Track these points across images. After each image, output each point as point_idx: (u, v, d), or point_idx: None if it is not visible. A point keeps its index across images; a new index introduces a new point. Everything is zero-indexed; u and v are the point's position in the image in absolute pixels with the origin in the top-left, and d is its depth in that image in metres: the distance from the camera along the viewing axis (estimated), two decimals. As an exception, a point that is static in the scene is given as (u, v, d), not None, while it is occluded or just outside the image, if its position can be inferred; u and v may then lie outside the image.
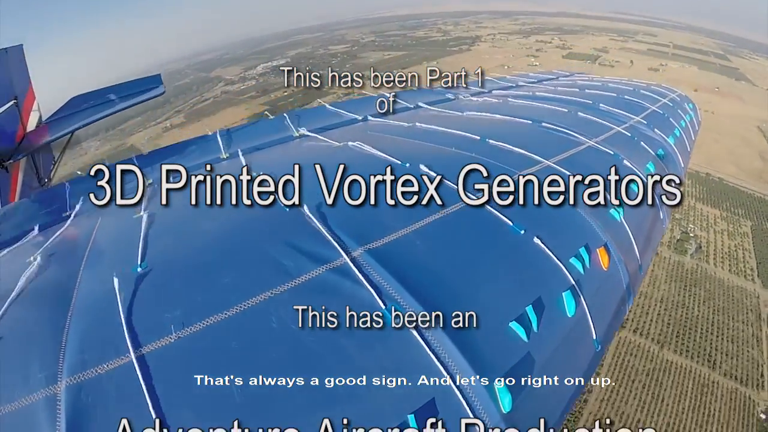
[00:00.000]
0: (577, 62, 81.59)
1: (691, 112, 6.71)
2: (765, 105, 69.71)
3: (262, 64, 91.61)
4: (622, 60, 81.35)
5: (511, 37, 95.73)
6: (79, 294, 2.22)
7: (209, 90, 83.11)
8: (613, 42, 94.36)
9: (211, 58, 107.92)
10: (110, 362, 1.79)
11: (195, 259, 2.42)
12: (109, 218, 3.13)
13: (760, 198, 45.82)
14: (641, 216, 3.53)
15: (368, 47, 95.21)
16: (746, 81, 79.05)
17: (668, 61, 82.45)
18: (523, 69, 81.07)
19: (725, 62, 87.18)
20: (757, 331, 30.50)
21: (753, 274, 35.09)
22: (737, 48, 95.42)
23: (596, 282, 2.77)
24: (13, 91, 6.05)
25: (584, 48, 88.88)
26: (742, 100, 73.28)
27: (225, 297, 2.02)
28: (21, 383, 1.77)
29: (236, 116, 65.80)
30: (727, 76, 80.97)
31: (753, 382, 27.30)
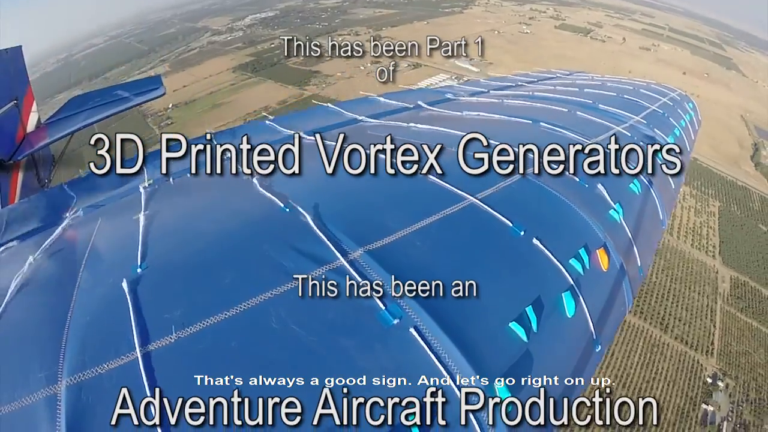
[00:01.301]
0: (568, 33, 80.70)
1: (691, 111, 6.66)
2: (752, 96, 70.39)
3: (250, 16, 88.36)
4: (614, 36, 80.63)
5: (505, 3, 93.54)
6: (79, 294, 2.22)
7: (195, 40, 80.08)
8: (609, 18, 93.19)
9: (199, 9, 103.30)
10: (110, 362, 1.80)
11: (194, 260, 2.41)
12: (109, 219, 3.13)
13: (731, 182, 47.14)
14: (640, 216, 3.54)
15: (359, 3, 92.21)
16: (737, 71, 79.31)
17: (661, 43, 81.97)
18: (514, 35, 79.90)
19: (719, 51, 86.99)
20: (712, 303, 32.06)
21: (714, 251, 36.54)
22: (734, 39, 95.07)
23: (596, 283, 2.77)
24: (14, 91, 6.04)
25: (578, 20, 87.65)
26: (730, 88, 73.78)
27: (225, 297, 2.02)
28: (21, 383, 1.78)
29: (221, 66, 63.82)
30: (718, 64, 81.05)
31: (702, 349, 28.93)
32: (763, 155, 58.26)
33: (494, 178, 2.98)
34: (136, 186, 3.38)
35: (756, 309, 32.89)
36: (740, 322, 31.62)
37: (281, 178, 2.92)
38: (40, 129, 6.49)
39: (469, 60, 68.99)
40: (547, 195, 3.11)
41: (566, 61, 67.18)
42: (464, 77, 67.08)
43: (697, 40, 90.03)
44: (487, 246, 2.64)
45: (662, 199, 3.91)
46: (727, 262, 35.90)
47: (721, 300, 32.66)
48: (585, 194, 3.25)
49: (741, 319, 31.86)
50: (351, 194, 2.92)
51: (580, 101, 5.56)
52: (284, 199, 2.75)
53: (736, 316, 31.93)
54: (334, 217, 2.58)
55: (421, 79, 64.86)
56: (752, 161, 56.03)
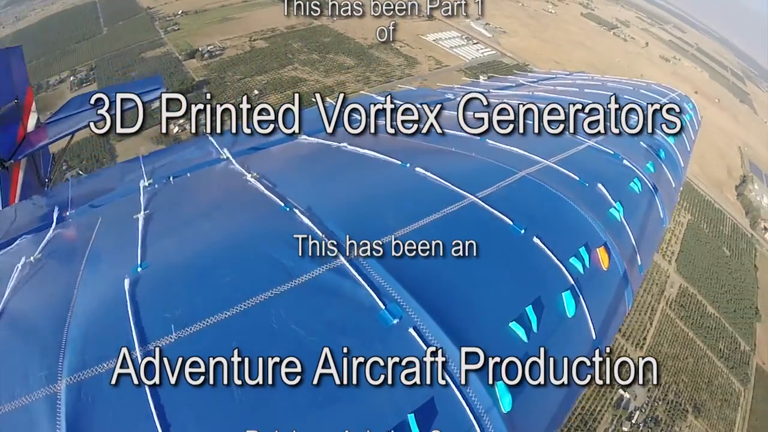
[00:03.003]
0: (593, 24, 78.86)
1: (691, 111, 6.62)
2: (756, 133, 70.44)
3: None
4: (638, 38, 79.17)
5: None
6: (79, 294, 2.20)
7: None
8: (639, 20, 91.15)
9: None
10: (110, 361, 1.78)
11: (194, 260, 2.39)
12: (109, 219, 3.08)
13: (708, 202, 48.00)
14: (641, 215, 3.51)
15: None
16: (750, 106, 78.90)
17: (684, 58, 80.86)
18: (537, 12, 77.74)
19: (739, 83, 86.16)
20: (655, 303, 33.30)
21: (672, 257, 37.63)
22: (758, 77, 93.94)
23: (596, 282, 2.73)
24: (14, 91, 6.02)
25: (607, 14, 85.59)
26: (737, 120, 73.69)
27: (225, 297, 2.01)
28: (21, 382, 1.77)
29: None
30: (733, 94, 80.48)
31: (634, 340, 30.29)
32: (749, 188, 59.09)
33: (494, 178, 2.97)
34: (136, 186, 3.37)
35: (696, 321, 34.25)
36: (677, 328, 32.98)
37: (281, 179, 2.94)
38: (40, 129, 6.50)
39: (484, 24, 67.31)
40: (547, 194, 3.09)
41: (582, 50, 66.04)
42: (474, 39, 65.74)
43: (721, 66, 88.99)
44: (488, 244, 2.59)
45: (663, 197, 3.87)
46: (680, 271, 37.05)
47: (664, 303, 33.91)
48: (585, 193, 3.23)
49: (679, 325, 33.22)
50: (351, 193, 2.92)
51: (580, 101, 5.49)
52: (283, 198, 2.73)
53: (674, 322, 33.26)
54: (334, 216, 2.58)
55: (431, 31, 63.35)
56: (736, 191, 56.83)
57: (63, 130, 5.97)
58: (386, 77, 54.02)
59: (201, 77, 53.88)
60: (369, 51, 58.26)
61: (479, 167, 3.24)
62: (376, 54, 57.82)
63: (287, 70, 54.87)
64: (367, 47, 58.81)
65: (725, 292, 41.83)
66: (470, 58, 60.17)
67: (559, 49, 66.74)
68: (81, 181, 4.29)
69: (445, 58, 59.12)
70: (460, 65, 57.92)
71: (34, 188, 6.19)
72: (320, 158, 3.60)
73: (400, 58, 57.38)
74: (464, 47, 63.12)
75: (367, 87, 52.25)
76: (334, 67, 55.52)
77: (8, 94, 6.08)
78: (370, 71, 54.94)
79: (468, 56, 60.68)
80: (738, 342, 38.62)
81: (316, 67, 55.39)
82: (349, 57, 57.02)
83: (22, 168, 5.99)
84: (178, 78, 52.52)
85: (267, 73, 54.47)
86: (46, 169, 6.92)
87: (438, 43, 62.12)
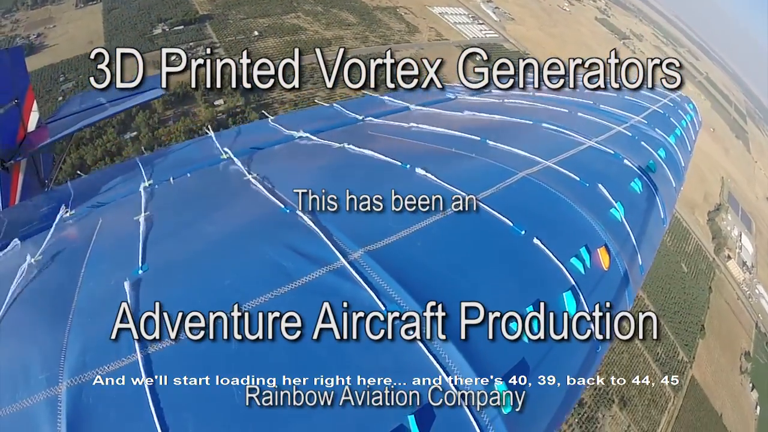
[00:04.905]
0: (604, 30, 78.80)
1: (691, 112, 6.61)
2: (743, 170, 71.24)
3: None
4: (647, 53, 79.14)
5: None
6: (80, 295, 2.22)
7: None
8: (654, 37, 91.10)
9: None
10: (111, 364, 1.79)
11: (195, 262, 2.41)
12: (110, 219, 3.13)
13: (677, 219, 48.55)
14: (642, 215, 3.55)
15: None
16: (744, 144, 79.75)
17: (690, 84, 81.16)
18: (551, 6, 77.18)
19: (740, 120, 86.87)
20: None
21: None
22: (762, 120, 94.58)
23: (597, 282, 2.74)
24: (14, 91, 6.03)
25: (621, 24, 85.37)
26: (728, 153, 74.35)
27: (226, 298, 2.02)
28: (22, 384, 1.77)
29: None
30: (730, 129, 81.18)
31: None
32: (722, 217, 59.94)
33: (494, 178, 3.00)
34: (136, 186, 3.44)
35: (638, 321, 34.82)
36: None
37: (281, 179, 3.01)
38: (41, 129, 6.45)
39: (494, 7, 66.80)
40: (547, 194, 3.11)
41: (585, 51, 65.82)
42: (480, 20, 65.18)
43: (726, 100, 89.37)
44: (488, 246, 2.63)
45: (663, 197, 3.92)
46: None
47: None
48: (586, 193, 3.25)
49: (619, 323, 33.73)
50: (351, 194, 2.94)
51: (580, 102, 5.46)
52: (284, 200, 2.77)
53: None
54: (334, 217, 2.59)
55: (439, 4, 62.82)
56: (708, 216, 57.57)
57: (63, 130, 6.08)
58: (384, 40, 53.62)
59: (205, 11, 53.22)
60: (373, 12, 57.71)
61: (479, 168, 3.30)
62: (379, 16, 57.30)
63: (290, 17, 54.32)
64: (372, 8, 58.21)
65: (674, 304, 42.72)
66: (471, 37, 59.82)
67: (563, 46, 66.44)
68: (81, 181, 4.36)
69: (446, 32, 58.71)
70: (460, 42, 57.38)
71: (35, 189, 6.31)
72: (321, 159, 3.69)
73: (401, 24, 56.93)
74: (468, 25, 62.76)
75: (365, 45, 51.74)
76: (336, 22, 55.02)
77: (8, 94, 6.09)
78: (369, 31, 54.54)
79: (470, 34, 60.31)
80: (677, 351, 39.59)
81: (318, 19, 54.88)
82: (352, 14, 56.50)
83: (23, 169, 6.09)
84: (182, 9, 51.70)
85: (270, 17, 53.86)
86: (47, 170, 6.90)
87: (443, 17, 61.66)
